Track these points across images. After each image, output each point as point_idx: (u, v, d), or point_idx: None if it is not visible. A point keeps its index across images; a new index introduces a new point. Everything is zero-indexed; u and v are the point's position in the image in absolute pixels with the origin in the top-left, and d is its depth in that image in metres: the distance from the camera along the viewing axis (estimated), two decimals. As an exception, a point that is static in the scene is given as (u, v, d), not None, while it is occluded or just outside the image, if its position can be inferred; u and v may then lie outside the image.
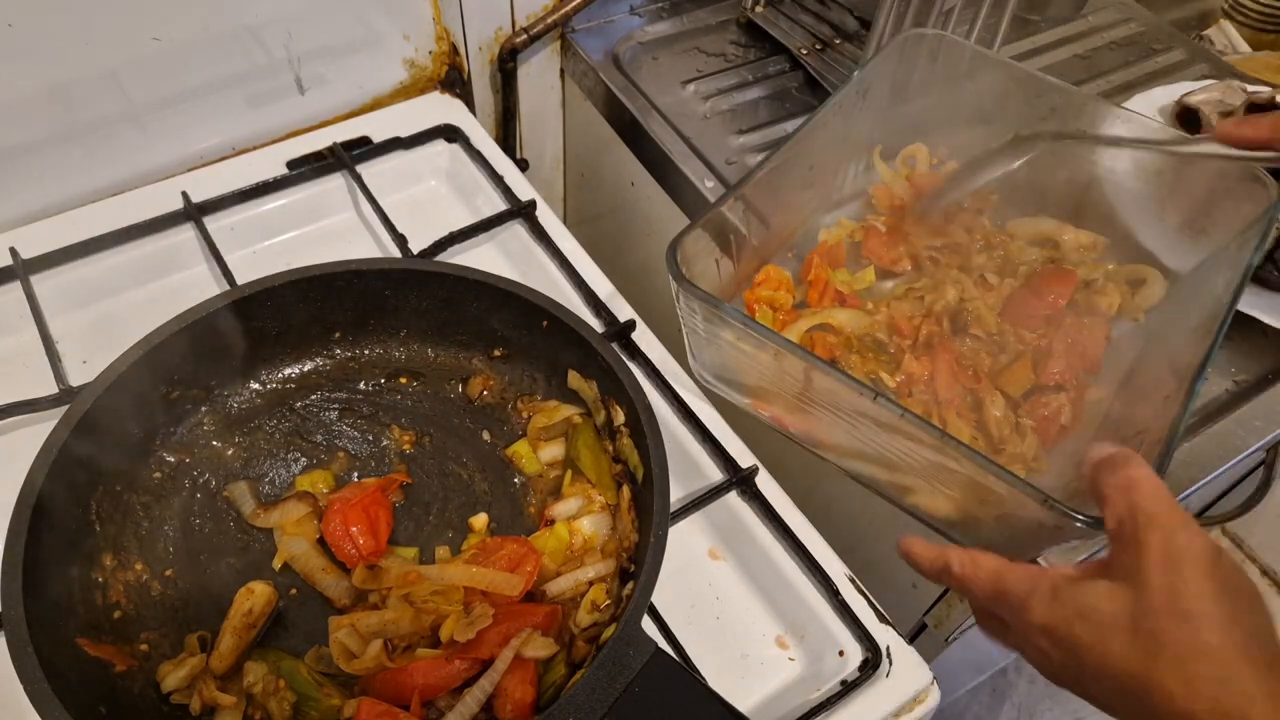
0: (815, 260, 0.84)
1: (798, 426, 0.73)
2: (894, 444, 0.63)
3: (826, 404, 0.66)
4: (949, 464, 0.61)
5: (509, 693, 0.58)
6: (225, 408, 0.73)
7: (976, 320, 0.81)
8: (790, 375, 0.66)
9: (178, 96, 0.90)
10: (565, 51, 1.12)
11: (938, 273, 0.85)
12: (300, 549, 0.66)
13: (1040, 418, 0.75)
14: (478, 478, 0.73)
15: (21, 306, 0.79)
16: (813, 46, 1.10)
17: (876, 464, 0.68)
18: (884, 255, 0.86)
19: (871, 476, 0.71)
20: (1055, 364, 0.78)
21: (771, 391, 0.71)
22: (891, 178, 0.91)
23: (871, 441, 0.65)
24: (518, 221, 0.92)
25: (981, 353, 0.80)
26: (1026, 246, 0.88)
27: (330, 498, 0.69)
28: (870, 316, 0.82)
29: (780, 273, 0.83)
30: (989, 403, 0.75)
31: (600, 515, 0.69)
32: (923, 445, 0.61)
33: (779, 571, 0.70)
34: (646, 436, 0.65)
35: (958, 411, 0.75)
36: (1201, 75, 1.12)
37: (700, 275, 0.72)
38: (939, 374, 0.76)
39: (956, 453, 0.59)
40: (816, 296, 0.83)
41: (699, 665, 0.65)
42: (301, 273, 0.72)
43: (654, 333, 0.84)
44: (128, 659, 0.60)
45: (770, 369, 0.68)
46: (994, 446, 0.74)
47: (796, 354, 0.64)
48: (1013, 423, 0.75)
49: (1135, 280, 0.85)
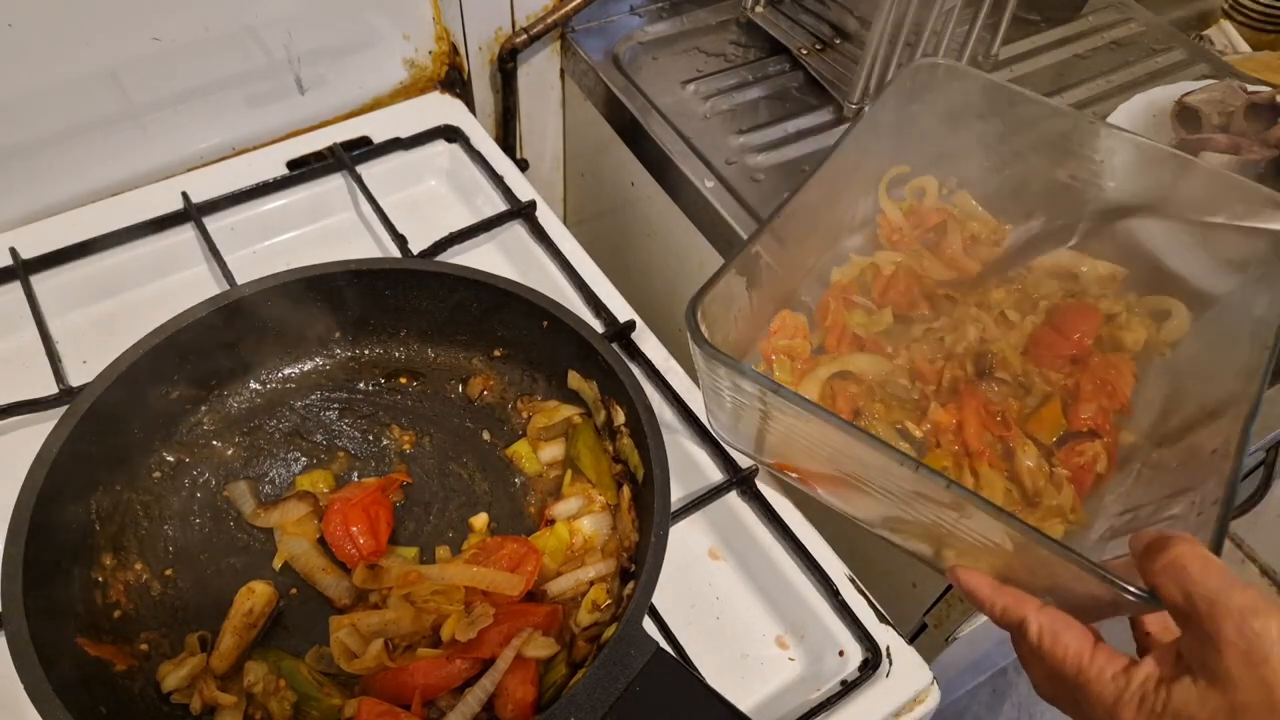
0: (831, 304, 0.81)
1: (829, 491, 0.69)
2: (936, 513, 0.59)
3: (860, 472, 0.62)
4: (993, 535, 0.56)
5: (510, 692, 0.58)
6: (225, 407, 0.73)
7: (1001, 362, 0.77)
8: (824, 444, 0.62)
9: (178, 96, 0.90)
10: (565, 51, 1.12)
11: (956, 311, 0.82)
12: (300, 549, 0.66)
13: (1075, 466, 0.71)
14: (478, 478, 0.73)
15: (21, 306, 0.79)
16: (813, 46, 1.10)
17: (915, 532, 0.64)
18: (898, 300, 0.83)
19: (909, 544, 0.67)
20: (1086, 407, 0.74)
21: (801, 458, 0.68)
22: (893, 210, 0.88)
23: (911, 511, 0.61)
24: (518, 221, 0.92)
25: (1009, 397, 0.76)
26: (1045, 278, 0.84)
27: (330, 497, 0.69)
28: (891, 361, 0.78)
29: (796, 319, 0.79)
30: (1020, 452, 0.71)
31: (600, 515, 0.69)
32: (965, 515, 0.57)
33: (779, 571, 0.70)
34: (647, 437, 0.65)
35: (990, 462, 0.71)
36: (1201, 75, 1.13)
37: (715, 327, 0.67)
38: (967, 422, 0.73)
39: (1002, 522, 0.54)
40: (834, 342, 0.80)
41: (699, 665, 0.65)
42: (302, 272, 0.72)
43: (654, 333, 0.84)
44: (128, 659, 0.60)
45: (803, 437, 0.63)
46: (1029, 500, 0.70)
47: (835, 424, 0.58)
48: (1047, 472, 0.71)
49: (1159, 313, 0.81)
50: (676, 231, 1.02)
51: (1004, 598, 0.56)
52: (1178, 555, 0.47)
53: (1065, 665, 0.51)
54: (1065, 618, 0.54)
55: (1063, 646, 0.52)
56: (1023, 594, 0.56)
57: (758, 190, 0.95)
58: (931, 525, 0.60)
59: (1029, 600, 0.55)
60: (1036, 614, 0.54)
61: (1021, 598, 0.56)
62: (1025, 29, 1.20)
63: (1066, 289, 0.83)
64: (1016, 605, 0.55)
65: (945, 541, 0.61)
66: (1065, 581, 0.54)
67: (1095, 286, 0.84)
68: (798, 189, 0.73)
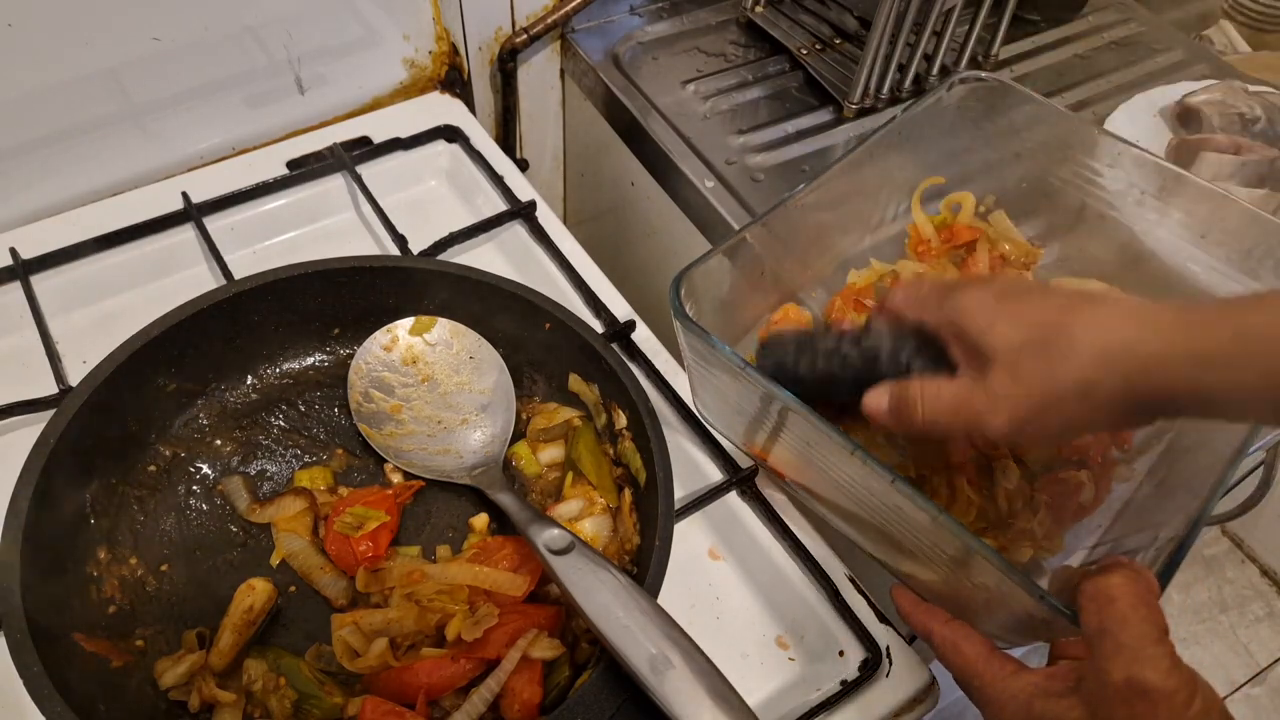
0: (838, 303, 0.80)
1: (794, 477, 0.69)
2: (886, 511, 0.58)
3: (800, 450, 0.62)
4: (930, 533, 0.56)
5: (516, 693, 0.58)
6: (223, 402, 0.73)
7: None
8: (774, 419, 0.62)
9: (178, 96, 0.90)
10: (565, 51, 1.12)
11: None
12: (298, 546, 0.66)
13: (1056, 493, 0.70)
14: (478, 477, 0.73)
15: (21, 306, 0.79)
16: (813, 46, 1.10)
17: (869, 528, 0.64)
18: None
19: (864, 540, 0.66)
20: (1081, 437, 0.71)
21: (763, 436, 0.67)
22: (924, 221, 0.86)
23: (864, 505, 0.60)
24: (518, 222, 0.92)
25: None
26: None
27: (336, 502, 0.69)
28: None
29: (800, 313, 0.79)
30: (1000, 472, 0.70)
31: (601, 518, 0.69)
32: (913, 512, 0.56)
33: (779, 571, 0.70)
34: (650, 441, 0.65)
35: (969, 479, 0.70)
36: (1201, 75, 1.12)
37: (711, 309, 0.68)
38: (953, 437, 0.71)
39: (928, 512, 0.53)
40: None
41: (699, 664, 0.64)
42: (302, 268, 0.72)
43: (654, 333, 0.84)
44: (124, 655, 0.60)
45: (755, 409, 0.63)
46: (1001, 520, 0.69)
47: (790, 404, 0.57)
48: (1027, 496, 0.70)
49: None
50: (676, 231, 1.02)
51: (920, 613, 0.60)
52: (1111, 586, 0.47)
53: (963, 671, 0.55)
54: (966, 629, 0.57)
55: (961, 655, 0.56)
56: (934, 609, 0.60)
57: (758, 190, 0.95)
58: (889, 530, 0.60)
59: (938, 614, 0.59)
60: (941, 626, 0.58)
61: (933, 612, 0.59)
62: (1025, 29, 1.20)
63: None
64: (927, 619, 0.59)
65: (901, 549, 0.61)
66: (1000, 596, 0.54)
67: None
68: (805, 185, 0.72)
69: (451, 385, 0.75)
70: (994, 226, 0.87)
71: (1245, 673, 1.92)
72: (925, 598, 0.62)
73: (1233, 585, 2.04)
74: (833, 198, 0.76)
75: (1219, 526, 2.10)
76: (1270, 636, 1.97)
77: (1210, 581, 2.05)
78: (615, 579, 0.56)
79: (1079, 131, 0.80)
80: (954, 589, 0.59)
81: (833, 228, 0.83)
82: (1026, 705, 0.50)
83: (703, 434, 0.76)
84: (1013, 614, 0.55)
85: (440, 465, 0.72)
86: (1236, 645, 1.95)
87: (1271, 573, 2.05)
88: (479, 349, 0.76)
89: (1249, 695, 1.90)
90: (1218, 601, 2.02)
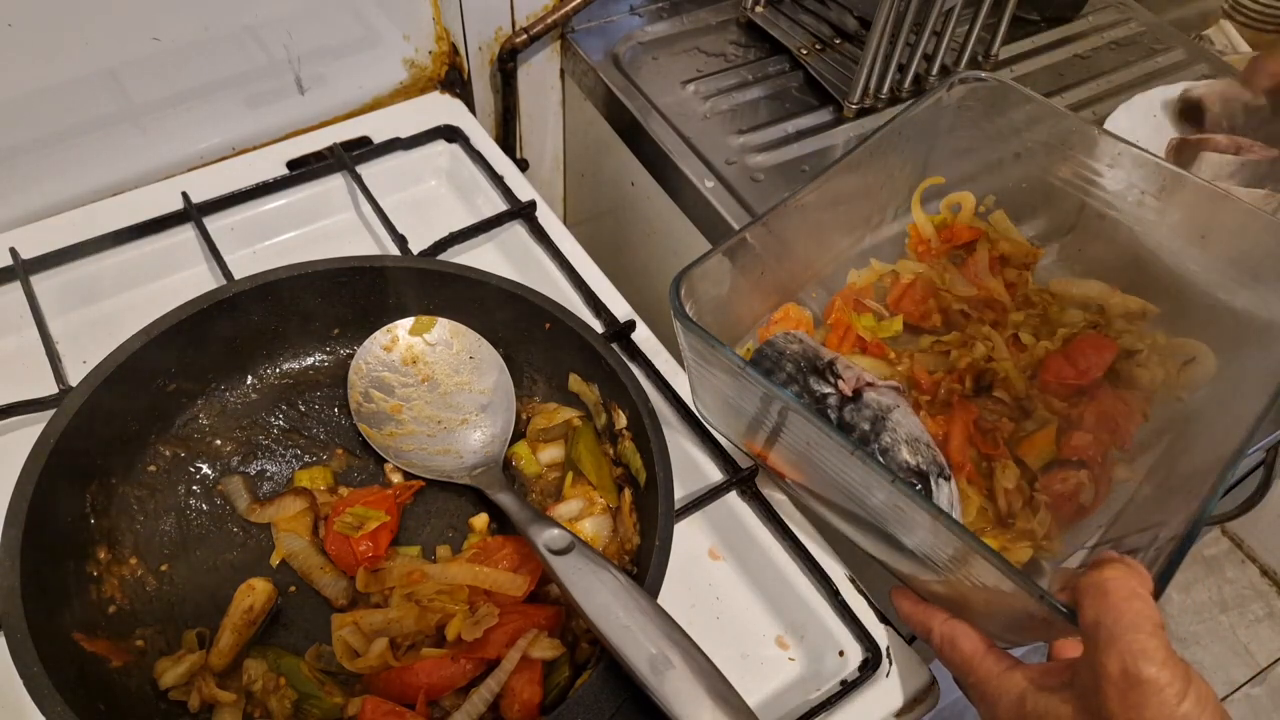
0: (838, 303, 0.80)
1: (794, 477, 0.69)
2: (886, 511, 0.59)
3: (800, 450, 0.61)
4: (930, 533, 0.56)
5: (517, 693, 0.58)
6: (222, 402, 0.73)
7: (1003, 382, 0.76)
8: (774, 419, 0.62)
9: (178, 96, 0.90)
10: (565, 51, 1.12)
11: (969, 328, 0.80)
12: (298, 546, 0.66)
13: (1056, 493, 0.70)
14: (478, 477, 0.73)
15: (21, 306, 0.79)
16: (813, 46, 1.10)
17: (869, 528, 0.63)
18: (912, 311, 0.81)
19: (864, 540, 0.66)
20: (1081, 438, 0.72)
21: (762, 436, 0.67)
22: (924, 221, 0.86)
23: (864, 505, 0.60)
24: (518, 222, 0.92)
25: (1004, 417, 0.75)
26: (1070, 307, 0.82)
27: (336, 502, 0.69)
28: (891, 367, 0.77)
29: (801, 312, 0.79)
30: (1000, 472, 0.70)
31: (602, 518, 0.69)
32: (913, 512, 0.56)
33: (779, 571, 0.70)
34: (650, 440, 0.65)
35: (969, 478, 0.70)
36: (1201, 75, 1.13)
37: (711, 309, 0.68)
38: (954, 435, 0.72)
39: (925, 512, 0.53)
40: (836, 341, 0.79)
41: (699, 664, 0.65)
42: (302, 268, 0.72)
43: (654, 333, 0.84)
44: (123, 655, 0.60)
45: (755, 409, 0.63)
46: (1001, 520, 0.70)
47: (788, 401, 0.58)
48: (1027, 496, 0.70)
49: (1184, 356, 0.78)
50: (676, 231, 1.02)
51: (919, 612, 0.61)
52: (1106, 579, 0.47)
53: (959, 667, 0.56)
54: (963, 625, 0.58)
55: (958, 650, 0.57)
56: (933, 607, 0.60)
57: (758, 190, 0.95)
58: (889, 530, 0.60)
59: (937, 612, 0.60)
60: (940, 624, 0.59)
61: (931, 610, 0.60)
62: (1025, 29, 1.20)
63: (1090, 320, 0.81)
64: (926, 617, 0.60)
65: (901, 549, 0.61)
66: (1000, 596, 0.54)
67: (1120, 321, 0.81)
68: (805, 185, 0.72)
69: (451, 385, 0.75)
70: (994, 226, 0.87)
71: (1245, 673, 1.92)
72: (925, 597, 0.63)
73: (1233, 585, 2.04)
74: (833, 198, 0.76)
75: (1219, 526, 2.10)
76: (1270, 636, 1.97)
77: (1210, 581, 2.05)
78: (615, 579, 0.56)
79: (1079, 131, 0.80)
80: (954, 589, 0.59)
81: (833, 228, 0.83)
82: (1020, 700, 0.51)
83: (703, 434, 0.76)
84: (1012, 614, 0.55)
85: (440, 465, 0.72)
86: (1236, 645, 1.96)
87: (1271, 573, 2.05)
88: (479, 349, 0.76)
89: (1249, 695, 1.90)
90: (1218, 601, 2.02)
